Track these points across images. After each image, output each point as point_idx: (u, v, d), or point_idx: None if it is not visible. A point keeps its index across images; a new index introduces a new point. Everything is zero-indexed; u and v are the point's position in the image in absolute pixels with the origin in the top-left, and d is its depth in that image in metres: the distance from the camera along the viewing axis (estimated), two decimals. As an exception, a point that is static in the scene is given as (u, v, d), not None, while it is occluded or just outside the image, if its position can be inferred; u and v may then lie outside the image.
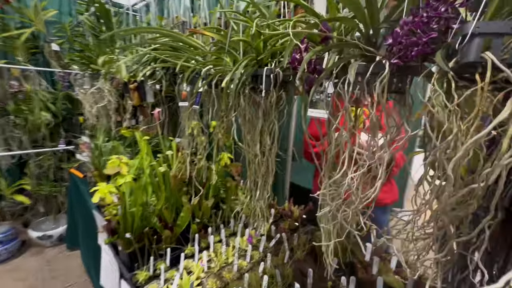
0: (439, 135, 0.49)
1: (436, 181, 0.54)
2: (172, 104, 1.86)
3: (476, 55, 0.45)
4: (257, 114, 0.96)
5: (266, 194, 1.00)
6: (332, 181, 0.65)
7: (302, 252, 1.48)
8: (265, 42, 0.90)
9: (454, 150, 0.47)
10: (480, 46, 0.45)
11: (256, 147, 0.98)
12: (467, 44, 0.46)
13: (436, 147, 0.50)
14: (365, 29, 0.63)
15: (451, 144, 0.47)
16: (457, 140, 0.45)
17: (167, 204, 1.57)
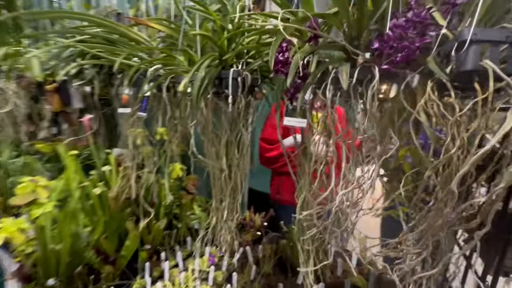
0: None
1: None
2: (107, 110, 1.55)
3: (475, 64, 0.43)
4: (222, 123, 0.83)
5: (236, 213, 0.87)
6: (319, 200, 0.57)
7: (269, 265, 1.40)
8: (229, 40, 0.78)
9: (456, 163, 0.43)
10: (477, 54, 0.43)
11: (222, 161, 0.84)
12: (464, 52, 0.43)
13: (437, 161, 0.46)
14: (348, 30, 0.57)
15: (454, 158, 0.43)
16: (462, 153, 0.42)
17: (106, 232, 1.28)
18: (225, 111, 0.83)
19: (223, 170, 0.84)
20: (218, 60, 0.78)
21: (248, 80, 0.77)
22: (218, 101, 0.83)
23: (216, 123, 0.84)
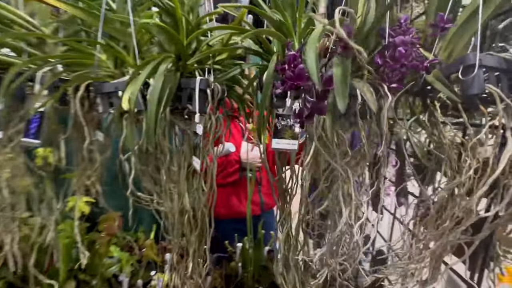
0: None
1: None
2: None
3: (481, 87, 0.45)
4: (182, 149, 0.61)
5: (203, 264, 0.68)
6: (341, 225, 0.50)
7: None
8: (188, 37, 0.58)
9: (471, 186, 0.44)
10: (482, 78, 0.45)
11: (185, 199, 0.63)
12: (471, 76, 0.45)
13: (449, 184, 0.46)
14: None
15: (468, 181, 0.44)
16: (477, 176, 0.43)
17: None
18: (187, 133, 0.62)
19: (185, 211, 0.63)
20: (173, 64, 0.56)
21: (219, 92, 0.60)
22: (175, 121, 0.60)
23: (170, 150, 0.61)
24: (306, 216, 0.62)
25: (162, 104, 0.49)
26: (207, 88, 0.58)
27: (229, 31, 0.56)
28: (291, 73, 0.39)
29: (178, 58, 0.58)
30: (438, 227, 0.51)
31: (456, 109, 0.50)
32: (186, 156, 0.63)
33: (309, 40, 0.34)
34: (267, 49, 0.61)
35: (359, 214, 0.58)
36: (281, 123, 0.59)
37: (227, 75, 0.58)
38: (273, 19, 0.51)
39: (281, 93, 0.45)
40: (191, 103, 0.59)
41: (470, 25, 0.50)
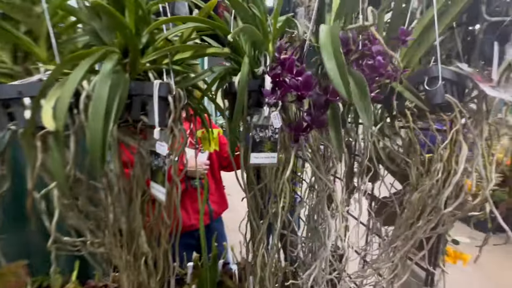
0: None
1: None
2: None
3: (443, 97, 0.49)
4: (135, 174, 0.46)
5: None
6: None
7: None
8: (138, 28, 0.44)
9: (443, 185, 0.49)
10: (442, 89, 0.50)
11: (141, 238, 0.48)
12: (434, 87, 0.49)
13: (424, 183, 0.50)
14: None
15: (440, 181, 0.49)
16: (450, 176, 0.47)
17: None
18: (141, 154, 0.47)
19: (144, 253, 0.48)
20: (118, 62, 0.41)
21: (182, 100, 0.48)
22: (123, 138, 0.45)
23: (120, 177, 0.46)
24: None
25: (112, 118, 0.35)
26: (168, 95, 0.45)
27: (193, 24, 0.45)
28: (295, 81, 0.33)
29: (124, 53, 0.43)
30: (411, 226, 0.54)
31: (418, 116, 0.54)
32: (139, 183, 0.49)
33: (328, 47, 0.29)
34: (235, 48, 0.53)
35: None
36: (259, 134, 0.52)
37: (196, 79, 0.47)
38: (247, 12, 0.43)
39: (275, 103, 0.38)
40: (146, 114, 0.45)
41: (425, 39, 0.55)
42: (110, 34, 0.42)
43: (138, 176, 0.49)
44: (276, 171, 0.61)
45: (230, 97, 0.57)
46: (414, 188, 0.54)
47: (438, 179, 0.49)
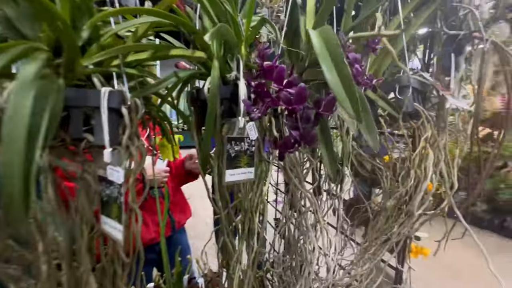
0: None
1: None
2: None
3: (412, 106, 0.51)
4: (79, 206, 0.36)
5: None
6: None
7: None
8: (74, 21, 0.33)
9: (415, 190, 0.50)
10: (412, 98, 0.51)
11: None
12: (405, 96, 0.50)
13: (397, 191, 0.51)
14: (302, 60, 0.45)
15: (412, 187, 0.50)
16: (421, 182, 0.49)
17: None
18: (84, 179, 0.36)
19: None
20: (47, 63, 0.31)
21: (140, 110, 0.39)
22: (58, 163, 0.34)
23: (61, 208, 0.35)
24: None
25: (38, 142, 0.25)
26: (122, 106, 0.36)
27: (151, 18, 0.37)
28: (287, 94, 0.28)
29: (55, 52, 0.32)
30: (386, 232, 0.55)
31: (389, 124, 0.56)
32: (85, 218, 0.38)
33: (325, 56, 0.25)
34: (202, 50, 0.46)
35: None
36: (234, 148, 0.46)
37: (157, 86, 0.38)
38: (221, 8, 0.37)
39: (259, 118, 0.33)
40: (92, 131, 0.35)
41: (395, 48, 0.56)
42: (32, 25, 0.31)
43: (83, 208, 0.38)
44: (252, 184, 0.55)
45: (197, 105, 0.49)
46: (388, 194, 0.55)
47: (410, 185, 0.50)
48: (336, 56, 0.24)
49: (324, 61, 0.24)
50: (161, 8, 0.38)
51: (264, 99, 0.32)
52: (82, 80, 0.37)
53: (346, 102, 0.22)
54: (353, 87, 0.22)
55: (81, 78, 0.37)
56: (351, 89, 0.22)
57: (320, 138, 0.35)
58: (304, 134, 0.32)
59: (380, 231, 0.56)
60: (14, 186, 0.22)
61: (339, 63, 0.23)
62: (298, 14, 0.52)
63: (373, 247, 0.57)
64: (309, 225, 0.49)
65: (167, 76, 0.40)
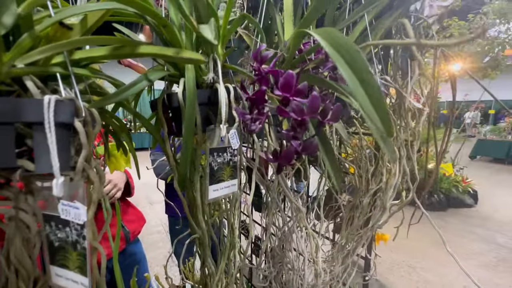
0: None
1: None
2: None
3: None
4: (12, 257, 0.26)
5: None
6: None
7: None
8: None
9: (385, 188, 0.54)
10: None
11: None
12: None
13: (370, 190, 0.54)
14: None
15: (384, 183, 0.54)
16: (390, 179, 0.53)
17: None
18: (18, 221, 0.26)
19: None
20: None
21: (96, 124, 0.30)
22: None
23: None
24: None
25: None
26: (74, 120, 0.27)
27: (107, 5, 0.28)
28: (299, 104, 0.25)
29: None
30: (362, 228, 0.58)
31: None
32: (23, 271, 0.28)
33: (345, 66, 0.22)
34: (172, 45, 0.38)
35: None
36: (217, 160, 0.40)
37: (123, 93, 0.30)
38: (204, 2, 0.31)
39: (260, 130, 0.29)
40: (27, 155, 0.25)
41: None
42: None
43: (19, 260, 0.28)
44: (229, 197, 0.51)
45: (168, 112, 0.42)
46: (363, 192, 0.57)
47: (383, 182, 0.53)
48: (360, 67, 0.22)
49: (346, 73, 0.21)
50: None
51: (260, 108, 0.28)
52: (6, 84, 0.26)
53: (376, 120, 0.20)
54: (383, 101, 0.20)
55: (4, 81, 0.26)
56: (381, 103, 0.20)
57: (321, 148, 0.33)
58: (305, 145, 0.30)
59: (356, 227, 0.59)
60: None
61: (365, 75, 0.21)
62: (273, 11, 0.49)
63: (350, 243, 0.59)
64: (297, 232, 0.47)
65: (135, 80, 0.32)
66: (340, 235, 0.63)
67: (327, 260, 0.65)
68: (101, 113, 0.39)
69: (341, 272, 0.63)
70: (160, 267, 0.82)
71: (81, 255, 0.26)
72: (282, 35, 0.46)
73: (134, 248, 1.17)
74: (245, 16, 0.38)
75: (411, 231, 0.59)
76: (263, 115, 0.29)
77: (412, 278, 2.34)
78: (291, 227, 0.49)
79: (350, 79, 0.22)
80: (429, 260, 2.55)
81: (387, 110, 0.20)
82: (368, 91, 0.21)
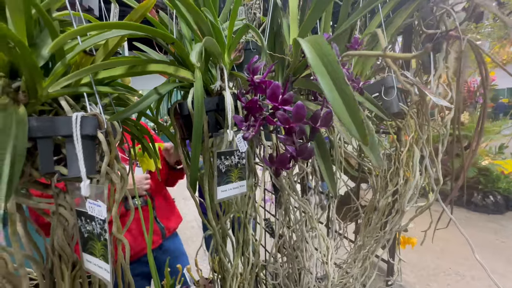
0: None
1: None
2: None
3: (398, 106, 0.51)
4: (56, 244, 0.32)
5: None
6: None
7: None
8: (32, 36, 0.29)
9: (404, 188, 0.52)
10: (397, 99, 0.51)
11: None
12: (390, 97, 0.51)
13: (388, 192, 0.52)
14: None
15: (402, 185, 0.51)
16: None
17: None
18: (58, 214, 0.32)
19: None
20: (3, 90, 0.26)
21: (118, 134, 0.35)
22: (26, 201, 0.30)
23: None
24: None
25: (2, 190, 0.21)
26: (98, 132, 0.32)
27: (124, 32, 0.33)
28: (283, 113, 0.26)
29: (12, 75, 0.28)
30: (380, 230, 0.56)
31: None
32: (64, 256, 0.34)
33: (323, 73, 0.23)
34: (181, 60, 0.42)
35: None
36: (225, 163, 0.43)
37: (138, 107, 0.35)
38: (203, 18, 0.34)
39: (253, 137, 0.31)
40: (65, 163, 0.31)
41: (373, 48, 0.57)
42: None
43: (61, 246, 0.34)
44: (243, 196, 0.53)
45: (180, 119, 0.46)
46: (379, 193, 0.55)
47: (401, 184, 0.51)
48: (335, 74, 0.22)
49: (322, 79, 0.22)
50: (133, 17, 0.34)
51: (256, 115, 0.30)
52: (47, 103, 0.33)
53: (351, 127, 0.21)
54: (358, 111, 0.20)
55: (45, 102, 0.32)
56: (356, 112, 0.21)
57: (317, 152, 0.34)
58: (301, 150, 0.31)
59: (374, 229, 0.57)
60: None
61: (340, 83, 0.22)
62: (280, 16, 0.50)
63: (367, 246, 0.58)
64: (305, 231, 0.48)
65: (147, 94, 0.36)
66: (358, 236, 0.62)
67: (345, 261, 0.64)
68: (124, 122, 0.45)
69: (359, 274, 0.62)
70: (193, 260, 0.90)
71: (104, 245, 0.31)
72: (288, 39, 0.47)
73: (171, 243, 1.23)
74: (248, 26, 0.40)
75: (460, 235, 0.54)
76: (258, 122, 0.30)
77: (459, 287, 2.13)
78: (301, 226, 0.50)
79: (329, 89, 0.23)
80: (482, 269, 2.29)
81: (362, 119, 0.21)
82: (345, 101, 0.22)
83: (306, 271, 0.50)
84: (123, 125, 0.45)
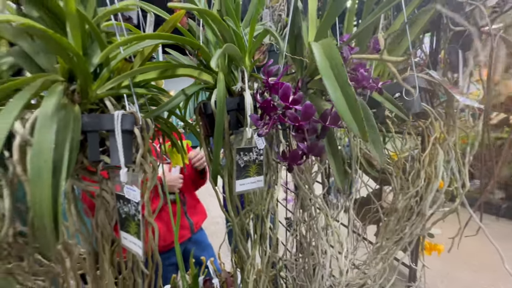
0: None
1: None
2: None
3: (420, 106, 0.50)
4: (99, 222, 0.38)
5: None
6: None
7: None
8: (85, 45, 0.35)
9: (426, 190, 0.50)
10: (419, 99, 0.51)
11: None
12: (411, 96, 0.50)
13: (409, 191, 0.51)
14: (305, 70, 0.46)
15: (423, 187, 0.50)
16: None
17: None
18: (101, 197, 0.38)
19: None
20: (64, 92, 0.32)
21: (150, 130, 0.40)
22: (78, 184, 0.36)
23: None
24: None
25: (63, 175, 0.26)
26: (134, 127, 0.37)
27: (157, 41, 0.38)
28: (293, 112, 0.29)
29: (69, 79, 0.34)
30: (398, 232, 0.55)
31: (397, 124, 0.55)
32: (105, 233, 0.40)
33: (329, 74, 0.25)
34: (206, 62, 0.47)
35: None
36: (243, 159, 0.47)
37: (167, 106, 0.40)
38: (226, 27, 0.38)
39: (266, 134, 0.34)
40: (106, 152, 0.37)
41: (395, 48, 0.56)
42: (48, 57, 0.33)
43: (103, 224, 0.40)
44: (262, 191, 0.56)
45: (204, 118, 0.50)
46: (398, 195, 0.55)
47: (421, 185, 0.50)
48: (340, 76, 0.24)
49: (327, 80, 0.25)
50: (165, 28, 0.39)
51: (270, 114, 0.33)
52: (95, 103, 0.39)
53: (352, 123, 0.22)
54: (357, 108, 0.22)
55: (94, 102, 0.38)
56: (356, 110, 0.22)
57: (328, 149, 0.35)
58: (311, 147, 0.33)
59: (392, 231, 0.56)
60: (44, 218, 0.24)
61: (342, 83, 0.24)
62: (300, 19, 0.52)
63: (386, 247, 0.57)
64: (320, 228, 0.50)
65: (175, 95, 0.41)
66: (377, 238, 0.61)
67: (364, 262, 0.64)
68: (156, 119, 0.51)
69: (378, 276, 0.61)
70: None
71: (137, 225, 0.37)
72: (306, 41, 0.49)
73: (199, 237, 1.35)
74: (267, 31, 0.43)
75: (502, 249, 0.49)
76: (271, 121, 0.33)
77: (499, 306, 1.93)
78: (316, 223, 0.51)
79: (333, 90, 0.25)
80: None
81: (362, 117, 0.22)
82: (347, 101, 0.24)
83: (320, 267, 0.52)
84: (155, 123, 0.51)
